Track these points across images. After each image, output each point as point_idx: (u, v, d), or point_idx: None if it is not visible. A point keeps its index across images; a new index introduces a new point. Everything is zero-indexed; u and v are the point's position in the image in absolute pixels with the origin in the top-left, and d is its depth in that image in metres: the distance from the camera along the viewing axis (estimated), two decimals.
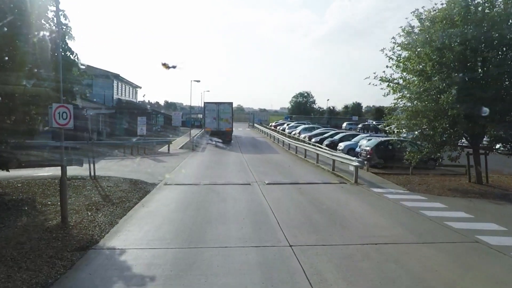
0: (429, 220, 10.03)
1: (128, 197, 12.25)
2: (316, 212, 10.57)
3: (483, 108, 13.46)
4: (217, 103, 33.99)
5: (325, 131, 34.32)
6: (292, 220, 9.69)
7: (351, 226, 9.29)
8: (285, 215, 10.20)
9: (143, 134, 25.93)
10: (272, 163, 21.98)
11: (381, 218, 10.17)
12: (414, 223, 9.77)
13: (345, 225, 9.32)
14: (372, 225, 9.45)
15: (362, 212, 10.79)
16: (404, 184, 15.72)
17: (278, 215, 10.13)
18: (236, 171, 18.52)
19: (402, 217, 10.30)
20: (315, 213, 10.45)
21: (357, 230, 8.96)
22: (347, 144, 25.74)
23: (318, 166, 20.71)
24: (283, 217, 9.96)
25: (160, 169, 18.70)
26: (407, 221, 9.93)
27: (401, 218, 10.18)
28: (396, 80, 16.58)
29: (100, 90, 37.43)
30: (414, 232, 8.87)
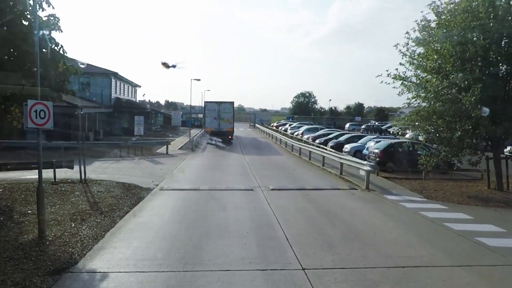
0: (457, 235, 8.81)
1: (119, 205, 11.04)
2: (329, 225, 9.35)
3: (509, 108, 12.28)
4: (218, 102, 32.78)
5: (329, 132, 33.10)
6: (302, 235, 8.48)
7: (370, 242, 8.07)
8: (293, 228, 8.98)
9: (141, 134, 24.72)
10: (275, 166, 20.76)
11: (402, 232, 8.95)
12: (441, 239, 8.54)
13: (364, 242, 8.10)
14: (394, 241, 8.23)
15: (380, 224, 9.57)
16: (419, 191, 14.50)
17: (286, 228, 8.92)
18: (238, 175, 17.31)
19: (426, 232, 9.07)
20: (328, 226, 9.23)
21: (378, 248, 7.74)
22: (354, 146, 24.51)
23: (324, 169, 19.49)
24: (291, 230, 8.74)
25: (157, 172, 17.49)
26: (433, 236, 8.71)
27: (425, 233, 8.96)
28: (410, 78, 15.38)
29: (98, 89, 36.27)
30: (444, 252, 7.64)
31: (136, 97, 51.74)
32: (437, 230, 9.15)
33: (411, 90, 14.71)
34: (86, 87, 36.44)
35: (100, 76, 36.51)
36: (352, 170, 17.51)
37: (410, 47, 15.24)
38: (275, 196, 12.65)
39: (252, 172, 17.99)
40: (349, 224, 9.42)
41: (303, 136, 35.33)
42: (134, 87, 49.87)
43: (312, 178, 16.83)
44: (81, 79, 36.46)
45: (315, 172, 19.09)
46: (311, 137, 31.96)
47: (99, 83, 36.39)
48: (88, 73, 35.98)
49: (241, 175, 17.28)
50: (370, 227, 9.25)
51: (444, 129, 14.36)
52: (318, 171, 19.44)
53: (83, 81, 36.50)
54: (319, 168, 20.03)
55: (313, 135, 32.69)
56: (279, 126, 51.49)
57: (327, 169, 19.37)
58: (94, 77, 36.34)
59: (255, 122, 61.97)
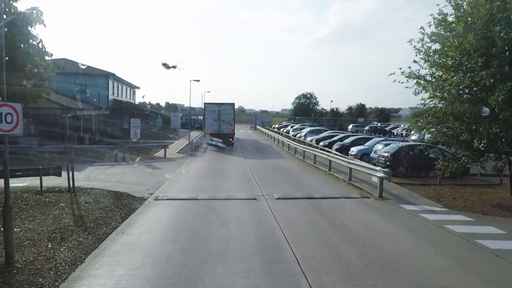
0: (495, 256, 7.55)
1: (107, 219, 9.80)
2: (345, 244, 8.09)
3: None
4: (218, 103, 31.49)
5: (333, 134, 31.83)
6: (316, 258, 7.22)
7: (397, 268, 6.81)
8: (305, 248, 7.73)
9: (137, 137, 23.47)
10: (279, 171, 19.50)
11: (431, 253, 7.69)
12: (479, 262, 7.29)
13: (389, 267, 6.84)
14: (424, 265, 6.96)
15: (403, 243, 8.30)
16: (437, 198, 13.25)
17: (297, 248, 7.67)
18: (240, 181, 16.06)
19: (459, 252, 7.82)
20: (344, 246, 7.97)
21: (408, 275, 6.49)
22: (360, 149, 23.25)
23: (331, 174, 18.23)
24: (303, 252, 7.49)
25: (153, 179, 16.24)
26: (468, 258, 7.45)
27: (458, 254, 7.70)
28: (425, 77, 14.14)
29: (95, 90, 35.01)
30: (488, 281, 6.39)
31: (135, 98, 50.54)
32: (472, 251, 7.88)
33: (427, 90, 13.45)
34: (83, 89, 35.22)
35: (97, 77, 35.31)
36: (361, 175, 16.27)
37: (425, 43, 14.06)
38: (281, 207, 11.40)
39: (255, 178, 16.75)
40: (369, 243, 8.16)
41: (306, 138, 34.07)
42: (133, 88, 48.64)
43: (319, 185, 15.58)
44: (77, 81, 35.47)
45: (322, 177, 17.83)
46: (314, 139, 30.70)
47: (96, 84, 35.15)
48: (84, 74, 34.89)
49: (243, 181, 16.03)
50: (393, 246, 7.99)
51: (463, 132, 13.13)
52: (324, 176, 18.18)
53: (80, 82, 35.37)
54: (325, 173, 18.77)
55: (316, 137, 31.43)
56: (281, 128, 50.23)
57: (334, 174, 18.11)
58: (91, 78, 35.15)
59: (256, 123, 60.66)
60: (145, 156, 24.37)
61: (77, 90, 35.03)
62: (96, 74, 35.22)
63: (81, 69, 35.41)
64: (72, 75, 34.90)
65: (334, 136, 30.35)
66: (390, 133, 49.44)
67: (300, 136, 36.18)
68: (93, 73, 34.96)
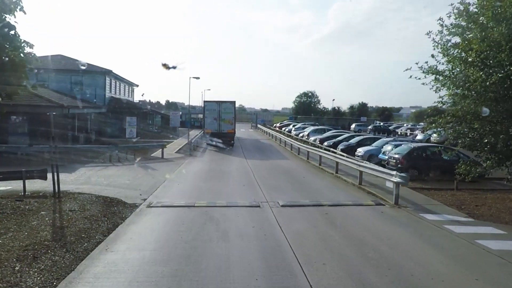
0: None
1: (91, 231, 8.58)
2: (367, 266, 6.85)
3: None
4: (218, 102, 30.21)
5: (338, 133, 30.58)
6: (335, 286, 5.99)
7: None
8: (320, 271, 6.49)
9: (133, 137, 22.24)
10: (282, 173, 18.27)
11: (470, 278, 6.44)
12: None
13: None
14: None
15: (435, 264, 7.05)
16: (458, 206, 12.01)
17: (310, 271, 6.43)
18: (241, 185, 14.84)
19: (502, 276, 6.59)
20: (366, 268, 6.73)
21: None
22: (367, 150, 22.01)
23: (339, 177, 16.99)
24: (318, 277, 6.25)
25: (148, 181, 15.03)
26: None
27: (502, 278, 6.47)
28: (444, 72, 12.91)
29: (92, 88, 33.79)
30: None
31: (134, 96, 49.29)
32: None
33: (449, 87, 12.21)
34: (79, 86, 34.01)
35: (94, 75, 34.06)
36: (370, 178, 15.05)
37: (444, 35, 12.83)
38: (288, 216, 10.17)
39: (257, 181, 15.52)
40: (394, 264, 6.92)
41: (309, 137, 32.83)
42: (131, 86, 47.41)
43: (327, 189, 14.35)
44: (73, 78, 34.24)
45: (329, 180, 16.59)
46: (318, 139, 29.45)
47: (93, 82, 33.92)
48: (81, 71, 33.65)
49: (244, 185, 14.80)
50: (423, 269, 6.75)
51: (486, 133, 11.91)
52: (331, 179, 16.95)
53: (76, 80, 34.16)
54: (332, 176, 17.54)
55: (320, 136, 30.18)
56: (282, 127, 48.97)
57: (342, 177, 16.87)
58: (87, 75, 33.92)
59: (257, 122, 59.38)
60: (141, 156, 23.16)
61: (73, 87, 33.89)
62: (93, 71, 33.97)
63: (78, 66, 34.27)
64: (68, 72, 33.75)
65: (338, 135, 29.11)
66: (394, 132, 48.20)
67: (303, 135, 34.94)
68: (90, 70, 33.69)
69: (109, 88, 35.87)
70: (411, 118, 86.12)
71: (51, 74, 33.34)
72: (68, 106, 23.29)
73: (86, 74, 33.84)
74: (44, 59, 35.69)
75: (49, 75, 33.25)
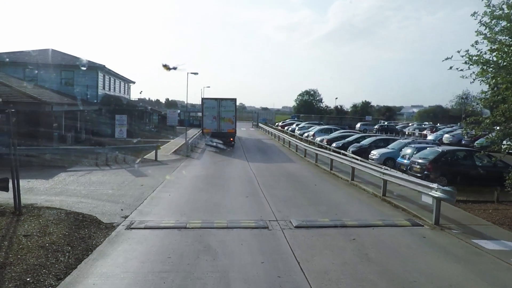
0: None
1: (41, 271, 6.22)
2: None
3: None
4: (218, 99, 27.79)
5: (346, 133, 28.20)
6: None
7: None
8: None
9: (123, 137, 19.87)
10: (290, 179, 15.91)
11: None
12: None
13: None
14: None
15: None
16: (510, 225, 9.67)
17: None
18: (243, 195, 12.48)
19: None
20: None
21: None
22: (384, 153, 19.66)
23: (356, 185, 14.65)
24: None
25: (134, 191, 12.67)
26: None
27: None
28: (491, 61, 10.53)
29: (82, 84, 31.37)
30: None
31: (130, 94, 46.88)
32: None
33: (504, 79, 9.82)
34: (69, 82, 31.61)
35: (85, 70, 31.59)
36: (394, 187, 12.72)
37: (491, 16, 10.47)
38: (306, 244, 7.80)
39: (262, 191, 13.17)
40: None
41: (315, 138, 30.47)
42: (128, 83, 44.98)
43: (347, 202, 11.99)
44: (63, 73, 31.84)
45: (346, 190, 14.22)
46: (325, 139, 27.08)
47: (84, 77, 31.44)
48: (71, 66, 31.28)
49: (247, 196, 12.44)
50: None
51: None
52: (348, 188, 14.59)
53: (66, 75, 31.75)
54: (348, 184, 15.19)
55: (327, 137, 27.80)
56: (285, 126, 46.60)
57: (360, 185, 14.53)
58: (78, 70, 31.44)
59: (258, 121, 56.94)
60: (132, 158, 20.80)
61: (63, 83, 31.52)
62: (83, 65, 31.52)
63: (69, 61, 31.90)
64: (57, 68, 31.36)
65: (347, 136, 26.74)
66: (402, 132, 45.82)
67: (308, 135, 32.56)
68: (82, 65, 31.28)
69: (102, 85, 33.43)
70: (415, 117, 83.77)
71: (40, 70, 31.03)
72: (51, 103, 20.87)
73: (77, 69, 31.41)
74: (32, 54, 33.52)
75: (37, 71, 30.94)
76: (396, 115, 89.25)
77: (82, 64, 31.11)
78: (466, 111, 68.41)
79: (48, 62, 31.44)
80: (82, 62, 31.31)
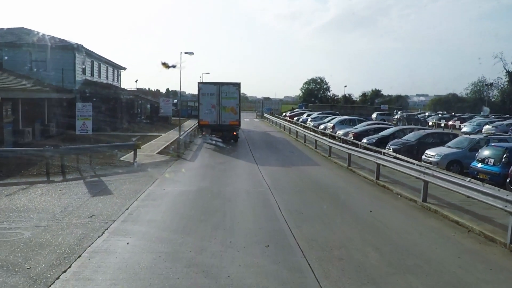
0: None
1: None
2: None
3: None
4: (218, 83, 21.96)
5: (375, 126, 22.46)
6: None
7: None
8: None
9: (87, 133, 14.25)
10: (327, 199, 10.28)
11: None
12: None
13: None
14: None
15: None
16: None
17: None
18: (260, 242, 6.87)
19: None
20: None
21: None
22: (446, 154, 13.99)
23: (437, 212, 9.03)
24: None
25: (68, 233, 7.11)
26: None
27: None
28: None
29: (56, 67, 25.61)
30: None
31: (120, 81, 40.97)
32: None
33: None
34: (40, 65, 25.85)
35: (60, 50, 25.83)
36: (481, 209, 7.15)
37: None
38: None
39: (292, 230, 7.60)
40: None
41: (334, 130, 24.75)
42: (117, 69, 39.15)
43: (453, 263, 6.37)
44: (33, 54, 26.06)
45: (430, 225, 8.52)
46: (351, 133, 21.37)
47: (57, 59, 25.66)
48: (43, 46, 25.46)
49: (268, 244, 6.81)
50: None
51: None
52: (423, 215, 8.92)
53: (37, 57, 25.95)
54: (418, 207, 9.58)
55: (353, 130, 22.07)
56: (294, 117, 40.76)
57: (441, 210, 8.92)
58: (51, 51, 25.63)
59: (263, 111, 51.14)
60: (105, 160, 15.23)
61: (34, 66, 25.78)
62: (59, 46, 25.75)
63: (39, 41, 26.08)
64: (27, 47, 25.61)
65: (378, 129, 21.00)
66: (425, 122, 40.01)
67: (325, 127, 26.83)
68: (54, 44, 25.53)
69: (81, 69, 27.68)
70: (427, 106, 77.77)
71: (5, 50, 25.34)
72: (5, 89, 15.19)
73: (50, 49, 25.61)
74: None
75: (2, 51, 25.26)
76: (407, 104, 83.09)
77: (53, 43, 25.37)
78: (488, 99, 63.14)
79: (16, 42, 25.72)
80: (53, 41, 25.56)
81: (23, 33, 27.40)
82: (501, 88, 66.32)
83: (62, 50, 25.87)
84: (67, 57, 26.06)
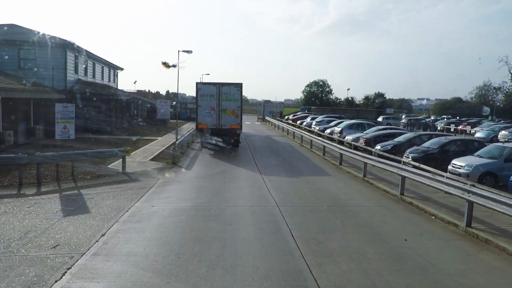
0: None
1: None
2: None
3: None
4: (218, 84, 20.18)
5: (387, 131, 20.64)
6: None
7: None
8: None
9: (67, 137, 12.44)
10: (347, 221, 8.44)
11: None
12: None
13: None
14: None
15: None
16: None
17: None
18: (266, 270, 5.04)
19: None
20: None
21: None
22: (477, 165, 12.14)
23: (489, 242, 7.21)
24: None
25: (32, 266, 5.27)
26: None
27: None
28: None
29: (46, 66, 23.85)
30: None
31: (117, 82, 39.20)
32: None
33: None
34: (29, 64, 24.12)
35: (50, 48, 24.05)
36: None
37: None
38: None
39: (310, 269, 5.77)
40: None
41: (342, 135, 22.96)
42: (114, 69, 37.38)
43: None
44: (22, 53, 24.32)
45: (473, 257, 6.74)
46: (362, 138, 19.56)
47: (47, 57, 23.92)
48: (32, 44, 23.69)
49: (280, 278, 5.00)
50: None
51: None
52: (475, 250, 7.10)
53: (25, 55, 24.21)
54: (464, 235, 7.75)
55: (364, 135, 20.27)
56: (297, 120, 38.96)
57: (494, 240, 7.11)
58: (41, 49, 23.92)
59: (264, 114, 49.30)
60: (92, 169, 13.42)
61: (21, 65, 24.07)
62: (49, 43, 23.98)
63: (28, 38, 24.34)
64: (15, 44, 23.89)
65: (391, 134, 19.20)
66: (434, 127, 38.22)
67: (332, 132, 25.02)
68: (44, 41, 23.79)
69: (73, 68, 25.91)
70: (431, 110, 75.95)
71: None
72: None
73: (40, 47, 23.90)
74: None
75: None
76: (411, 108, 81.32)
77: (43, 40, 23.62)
78: None
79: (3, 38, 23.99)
80: (43, 38, 23.81)
81: (12, 30, 25.69)
82: (506, 92, 64.66)
83: (52, 47, 24.06)
84: (57, 55, 24.29)
